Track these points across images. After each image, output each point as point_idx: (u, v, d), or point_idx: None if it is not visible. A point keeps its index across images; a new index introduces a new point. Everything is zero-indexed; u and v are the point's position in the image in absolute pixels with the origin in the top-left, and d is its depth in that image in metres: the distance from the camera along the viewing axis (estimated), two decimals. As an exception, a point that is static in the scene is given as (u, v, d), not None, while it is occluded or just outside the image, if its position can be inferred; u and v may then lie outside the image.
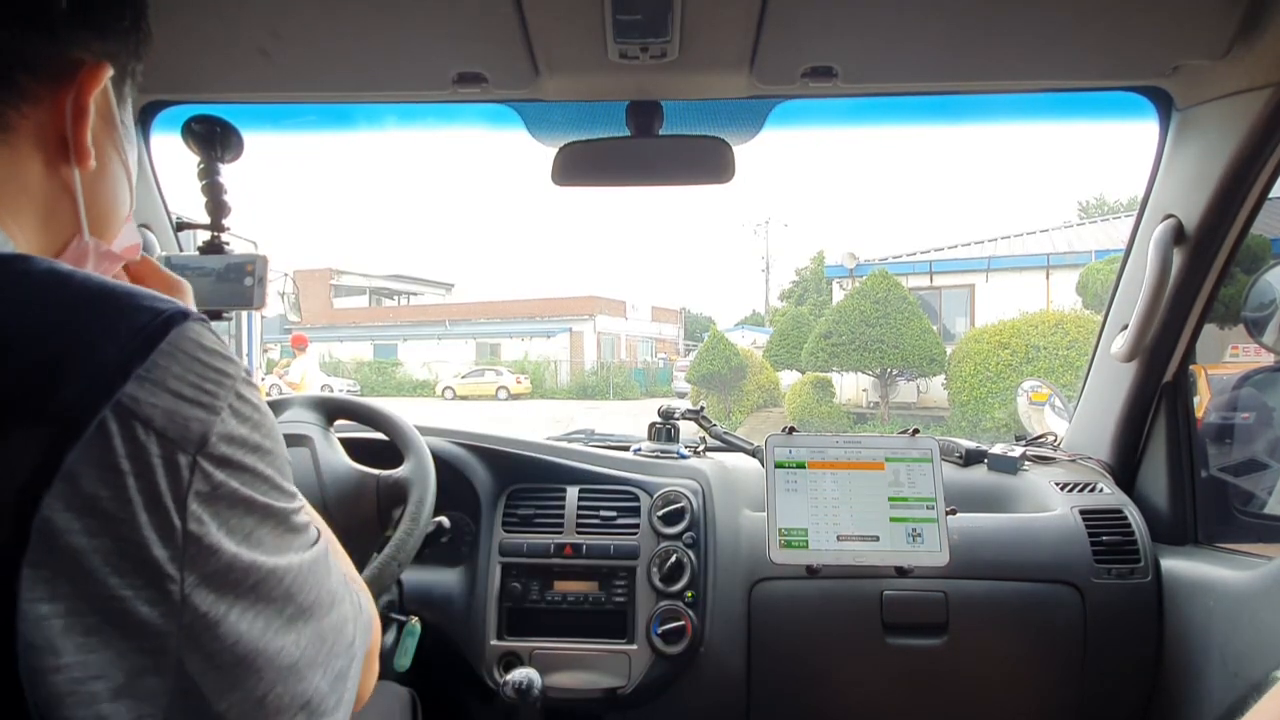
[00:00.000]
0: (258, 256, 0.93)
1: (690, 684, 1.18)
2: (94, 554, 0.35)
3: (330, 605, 0.45)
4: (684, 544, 1.21)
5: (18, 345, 0.36)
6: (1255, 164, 1.03)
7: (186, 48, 0.98)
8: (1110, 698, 1.15)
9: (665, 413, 1.43)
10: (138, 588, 0.35)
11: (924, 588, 1.15)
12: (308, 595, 0.43)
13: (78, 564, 0.34)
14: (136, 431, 0.35)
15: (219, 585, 0.38)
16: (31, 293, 0.38)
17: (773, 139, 1.24)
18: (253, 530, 0.40)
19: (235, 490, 0.39)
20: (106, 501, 0.35)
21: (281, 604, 0.41)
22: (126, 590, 0.35)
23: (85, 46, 0.45)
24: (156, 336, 0.37)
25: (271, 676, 0.40)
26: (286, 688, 0.40)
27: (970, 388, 9.49)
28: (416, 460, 1.05)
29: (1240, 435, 1.46)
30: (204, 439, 0.38)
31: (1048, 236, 13.49)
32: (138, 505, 0.35)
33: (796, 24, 0.91)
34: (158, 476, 0.36)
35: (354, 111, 1.25)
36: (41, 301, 0.38)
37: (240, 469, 0.39)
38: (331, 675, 0.44)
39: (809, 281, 26.29)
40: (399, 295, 29.28)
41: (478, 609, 1.21)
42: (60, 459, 0.34)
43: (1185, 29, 0.93)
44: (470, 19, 0.90)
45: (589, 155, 1.11)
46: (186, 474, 0.37)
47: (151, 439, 0.36)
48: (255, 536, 0.40)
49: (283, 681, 0.40)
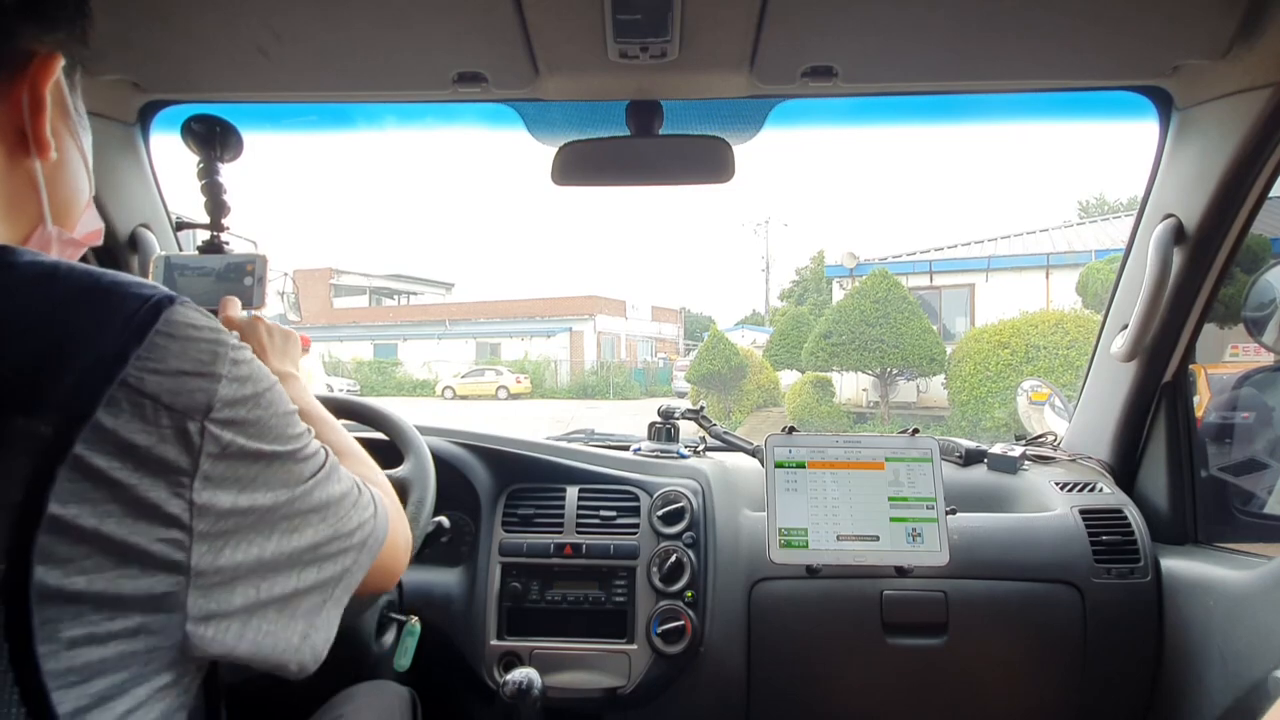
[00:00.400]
0: (257, 256, 0.93)
1: (690, 684, 1.18)
2: (103, 533, 0.38)
3: (336, 514, 0.50)
4: (684, 544, 1.21)
5: (11, 337, 0.38)
6: (1255, 164, 1.03)
7: (186, 48, 0.98)
8: (1110, 697, 1.15)
9: (665, 412, 1.43)
10: (149, 546, 0.39)
11: (924, 588, 1.15)
12: (311, 514, 0.48)
13: (89, 545, 0.37)
14: (145, 409, 0.39)
15: (224, 528, 0.42)
16: (20, 285, 0.40)
17: (773, 139, 1.24)
18: (259, 474, 0.44)
19: (243, 446, 0.43)
20: (118, 474, 0.38)
21: (284, 530, 0.46)
22: (135, 552, 0.39)
23: (34, 38, 0.46)
24: (149, 321, 0.40)
25: (267, 583, 0.45)
26: (281, 587, 0.46)
27: (970, 387, 9.48)
28: (416, 460, 1.05)
29: (1240, 435, 1.46)
30: (209, 406, 0.42)
31: (1048, 236, 13.47)
32: (151, 475, 0.39)
33: (796, 24, 0.91)
34: (170, 446, 0.40)
35: (354, 111, 1.25)
36: (31, 294, 0.40)
37: (245, 425, 0.43)
38: (332, 569, 0.50)
39: (809, 281, 26.30)
40: (399, 295, 29.27)
41: (478, 609, 1.21)
42: (68, 445, 0.36)
43: (1185, 29, 0.92)
44: (470, 19, 0.90)
45: (589, 155, 1.11)
46: (198, 440, 0.41)
47: (161, 413, 0.40)
48: (261, 479, 0.44)
49: (279, 583, 0.46)
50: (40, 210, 0.49)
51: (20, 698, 0.36)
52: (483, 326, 23.28)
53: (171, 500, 0.40)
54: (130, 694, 0.40)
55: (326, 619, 0.50)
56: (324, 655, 0.50)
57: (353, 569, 0.52)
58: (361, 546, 0.53)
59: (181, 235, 1.28)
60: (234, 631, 0.43)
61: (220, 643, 0.43)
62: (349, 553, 0.51)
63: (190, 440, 0.40)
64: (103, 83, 1.05)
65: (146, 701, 0.41)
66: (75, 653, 0.37)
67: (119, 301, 0.40)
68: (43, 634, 0.36)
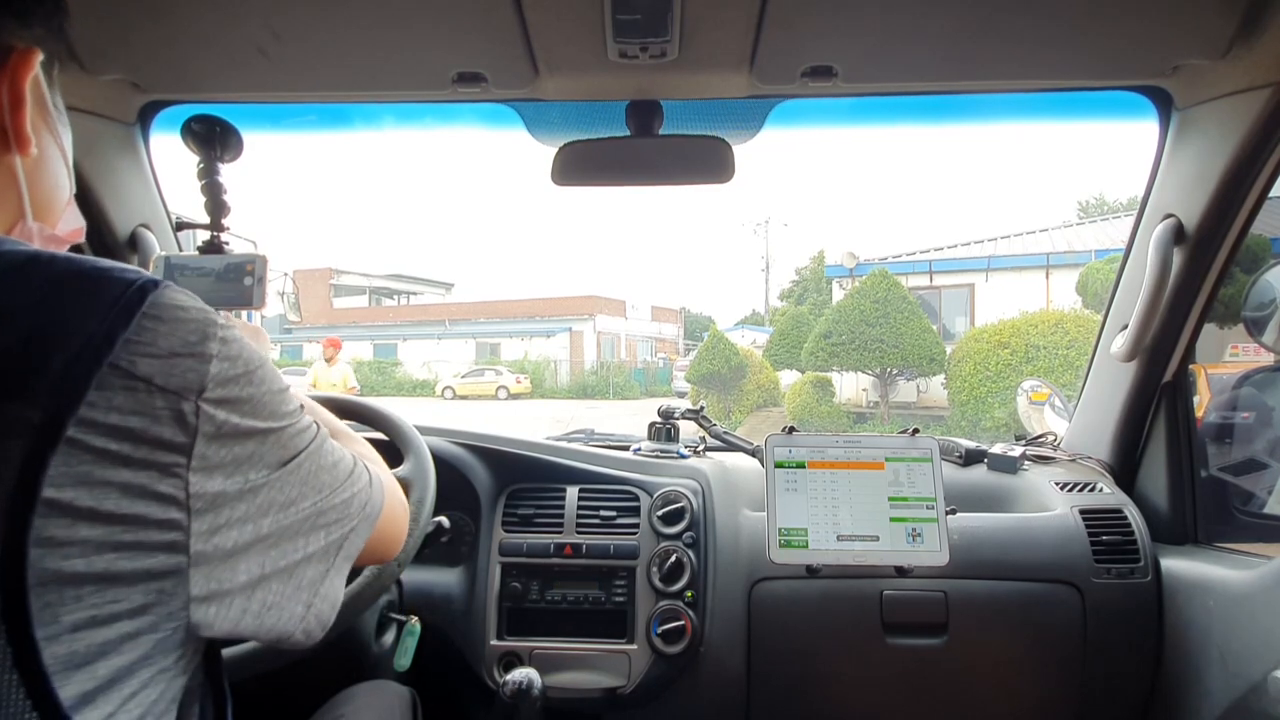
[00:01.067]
0: (257, 256, 0.93)
1: (690, 684, 1.18)
2: (100, 513, 0.38)
3: (331, 484, 0.51)
4: (684, 544, 1.21)
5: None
6: (1255, 164, 1.03)
7: (186, 48, 0.98)
8: (1110, 697, 1.15)
9: (665, 412, 1.43)
10: (147, 526, 0.40)
11: (924, 587, 1.15)
12: (306, 486, 0.49)
13: (86, 527, 0.37)
14: (138, 391, 0.39)
15: (221, 506, 0.43)
16: (2, 272, 0.40)
17: (773, 139, 1.24)
18: (254, 451, 0.45)
19: (238, 425, 0.44)
20: (114, 456, 0.38)
21: (281, 504, 0.46)
22: (134, 532, 0.39)
23: (11, 33, 0.46)
24: (135, 304, 0.41)
25: (269, 556, 0.46)
26: (283, 559, 0.47)
27: (970, 387, 9.48)
28: (416, 460, 1.05)
29: (1240, 435, 1.46)
30: (202, 386, 0.42)
31: (1047, 236, 13.47)
32: (147, 456, 0.39)
33: (796, 24, 0.91)
34: (165, 427, 0.40)
35: (353, 111, 1.25)
36: (14, 280, 0.40)
37: (238, 403, 0.44)
38: (331, 538, 0.51)
39: (809, 281, 26.30)
40: (399, 295, 29.28)
41: (478, 609, 1.21)
42: (60, 429, 0.37)
43: (1185, 29, 0.92)
44: (470, 19, 0.90)
45: (589, 155, 1.11)
46: (193, 420, 0.41)
47: (155, 394, 0.40)
48: (257, 455, 0.45)
49: (280, 555, 0.46)
50: (21, 206, 0.49)
51: (20, 680, 0.36)
52: (483, 326, 23.28)
53: (168, 480, 0.40)
54: (137, 676, 0.41)
55: (330, 587, 0.51)
56: (330, 622, 0.51)
57: (351, 537, 0.53)
58: (359, 515, 0.54)
59: (181, 235, 1.28)
60: (238, 606, 0.44)
61: (225, 619, 0.43)
62: (346, 521, 0.53)
63: (186, 421, 0.41)
64: (103, 83, 1.04)
65: (153, 682, 0.42)
66: (78, 635, 0.38)
67: (104, 286, 0.41)
68: (44, 618, 0.36)
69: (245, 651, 0.80)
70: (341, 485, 0.52)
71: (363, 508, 0.55)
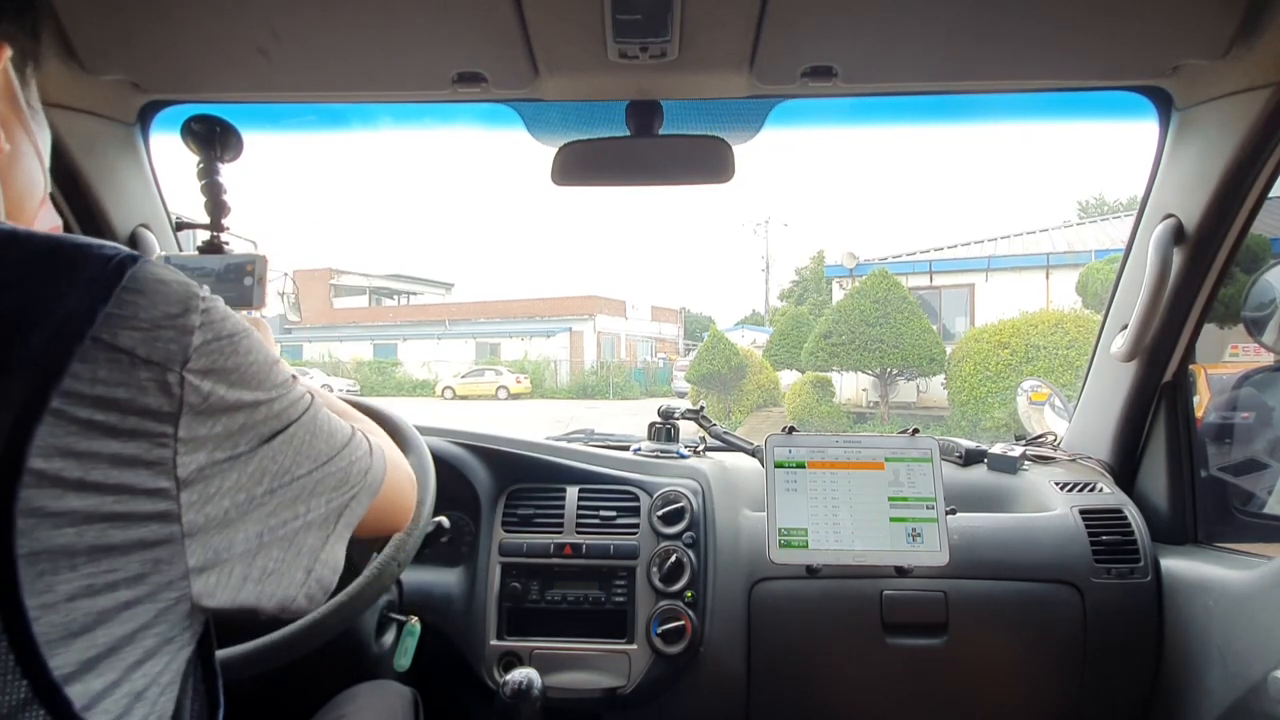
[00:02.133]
0: (257, 256, 0.93)
1: (690, 684, 1.18)
2: (89, 483, 0.38)
3: (327, 452, 0.51)
4: (684, 544, 1.21)
5: None
6: (1255, 164, 1.03)
7: (186, 48, 0.98)
8: (1110, 697, 1.15)
9: (665, 412, 1.43)
10: (137, 496, 0.39)
11: (924, 587, 1.15)
12: (300, 454, 0.48)
13: (75, 498, 0.37)
14: (122, 363, 0.39)
15: (211, 476, 0.43)
16: None
17: (773, 139, 1.24)
18: (244, 422, 0.44)
19: (223, 396, 0.43)
20: (100, 427, 0.38)
21: (274, 472, 0.46)
22: (125, 503, 0.39)
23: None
24: (115, 279, 0.40)
25: (268, 525, 0.46)
26: (281, 526, 0.47)
27: (970, 387, 9.47)
28: (416, 460, 1.05)
29: (1240, 435, 1.46)
30: (185, 357, 0.41)
31: (1048, 236, 13.47)
32: (134, 427, 0.39)
33: (796, 24, 0.91)
34: (151, 398, 0.40)
35: (353, 111, 1.25)
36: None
37: (224, 373, 0.43)
38: (330, 505, 0.51)
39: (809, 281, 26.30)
40: (399, 295, 29.27)
41: (477, 609, 1.21)
42: (44, 402, 0.37)
43: (1185, 29, 0.92)
44: (470, 19, 0.90)
45: (589, 155, 1.11)
46: (178, 390, 0.41)
47: (139, 366, 0.40)
48: (247, 426, 0.45)
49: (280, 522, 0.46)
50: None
51: (9, 647, 0.36)
52: (482, 326, 23.27)
53: (156, 449, 0.40)
54: (139, 644, 0.41)
55: (331, 553, 0.51)
56: (332, 587, 0.51)
57: (352, 504, 0.53)
58: (359, 483, 0.54)
59: (181, 235, 1.28)
60: (239, 574, 0.44)
61: (227, 587, 0.44)
62: (346, 488, 0.52)
63: (171, 391, 0.41)
64: (103, 83, 1.04)
65: (158, 653, 0.42)
66: (76, 604, 0.38)
67: (83, 262, 0.41)
68: (37, 587, 0.36)
69: (246, 651, 0.80)
70: (339, 453, 0.52)
71: (363, 475, 0.54)
